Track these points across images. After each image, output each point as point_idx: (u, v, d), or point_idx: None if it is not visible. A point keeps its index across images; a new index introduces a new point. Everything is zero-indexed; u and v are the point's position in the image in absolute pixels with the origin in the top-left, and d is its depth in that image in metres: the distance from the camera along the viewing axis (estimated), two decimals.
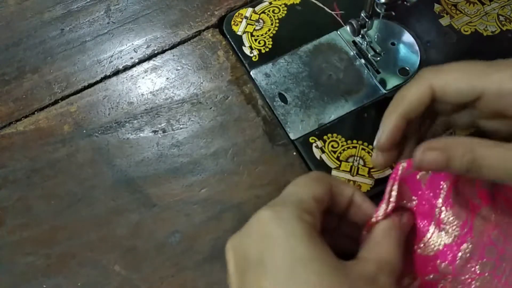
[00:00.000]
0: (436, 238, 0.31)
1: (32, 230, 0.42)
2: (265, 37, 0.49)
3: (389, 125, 0.31)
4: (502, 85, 0.28)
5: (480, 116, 0.31)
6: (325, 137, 0.43)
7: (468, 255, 0.31)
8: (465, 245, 0.31)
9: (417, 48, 0.47)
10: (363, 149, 0.42)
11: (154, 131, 0.46)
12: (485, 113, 0.30)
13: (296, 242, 0.26)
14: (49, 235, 0.42)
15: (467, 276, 0.30)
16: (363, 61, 0.47)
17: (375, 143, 0.32)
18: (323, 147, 0.43)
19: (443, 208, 0.31)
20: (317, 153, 0.43)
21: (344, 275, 0.26)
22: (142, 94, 0.48)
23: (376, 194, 0.39)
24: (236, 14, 0.51)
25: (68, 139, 0.46)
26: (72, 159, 0.45)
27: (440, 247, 0.31)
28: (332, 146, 0.43)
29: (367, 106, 0.45)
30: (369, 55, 0.47)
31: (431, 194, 0.32)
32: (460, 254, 0.31)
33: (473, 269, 0.30)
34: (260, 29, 0.50)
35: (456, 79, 0.29)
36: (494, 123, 0.31)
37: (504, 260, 0.30)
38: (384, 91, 0.45)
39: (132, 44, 0.51)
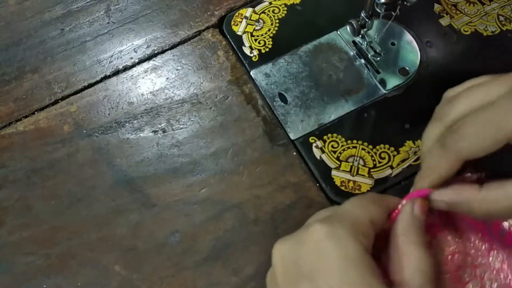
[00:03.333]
0: None
1: (32, 230, 0.42)
2: (265, 37, 0.49)
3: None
4: None
5: None
6: (325, 137, 0.43)
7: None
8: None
9: (417, 48, 0.47)
10: (363, 149, 0.42)
11: (154, 131, 0.46)
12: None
13: (350, 265, 0.26)
14: (49, 235, 0.42)
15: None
16: (363, 61, 0.47)
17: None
18: (323, 147, 0.43)
19: None
20: (317, 153, 0.43)
21: None
22: (142, 94, 0.48)
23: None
24: (236, 14, 0.51)
25: (68, 139, 0.46)
26: (72, 159, 0.45)
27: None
28: (332, 146, 0.43)
29: (367, 106, 0.45)
30: (369, 55, 0.47)
31: None
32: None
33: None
34: (260, 29, 0.50)
35: (481, 140, 0.29)
36: None
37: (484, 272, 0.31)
38: (384, 91, 0.45)
39: (132, 44, 0.51)
